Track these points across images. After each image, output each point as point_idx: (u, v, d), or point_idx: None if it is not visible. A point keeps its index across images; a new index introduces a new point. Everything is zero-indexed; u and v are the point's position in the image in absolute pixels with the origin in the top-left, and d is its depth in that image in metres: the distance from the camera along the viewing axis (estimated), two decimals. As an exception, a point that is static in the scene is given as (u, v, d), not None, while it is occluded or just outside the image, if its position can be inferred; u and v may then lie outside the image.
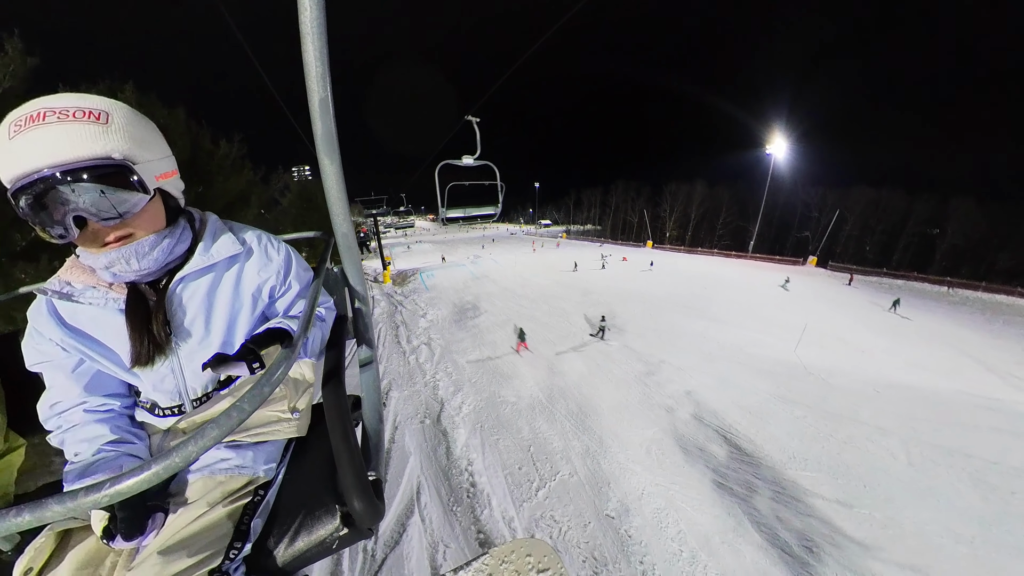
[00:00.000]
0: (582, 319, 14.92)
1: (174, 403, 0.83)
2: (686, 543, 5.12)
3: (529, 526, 5.11)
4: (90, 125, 0.61)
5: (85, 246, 0.68)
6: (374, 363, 1.14)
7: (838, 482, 6.68)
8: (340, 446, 0.80)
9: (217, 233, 0.83)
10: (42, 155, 0.58)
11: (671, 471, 6.50)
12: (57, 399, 0.77)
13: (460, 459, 6.50)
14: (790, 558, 5.14)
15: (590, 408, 8.31)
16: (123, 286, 0.75)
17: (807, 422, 8.28)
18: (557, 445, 6.97)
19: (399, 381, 9.49)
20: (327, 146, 0.75)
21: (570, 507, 5.52)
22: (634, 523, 5.36)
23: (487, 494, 5.69)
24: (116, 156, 0.63)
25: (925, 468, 7.17)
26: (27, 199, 0.60)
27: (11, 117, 0.58)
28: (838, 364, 11.34)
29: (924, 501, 6.42)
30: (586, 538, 5.04)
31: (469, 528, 5.09)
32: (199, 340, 0.81)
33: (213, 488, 0.74)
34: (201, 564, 0.64)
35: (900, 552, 5.32)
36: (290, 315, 0.93)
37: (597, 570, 4.60)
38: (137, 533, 0.65)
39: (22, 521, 0.36)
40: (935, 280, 26.62)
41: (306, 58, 0.63)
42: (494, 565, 0.99)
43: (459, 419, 7.66)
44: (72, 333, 0.74)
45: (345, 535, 0.80)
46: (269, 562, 0.77)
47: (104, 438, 0.74)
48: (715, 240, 45.90)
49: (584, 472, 6.31)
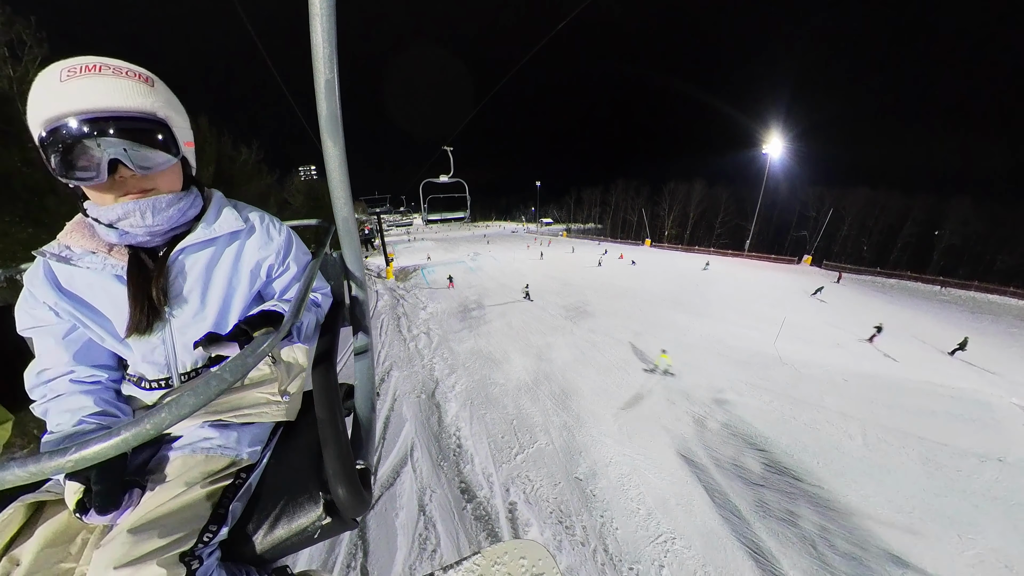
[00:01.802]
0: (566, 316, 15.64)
1: (162, 376, 0.81)
2: (644, 502, 5.83)
3: (505, 482, 5.88)
4: (140, 84, 0.66)
5: (105, 193, 0.69)
6: (370, 351, 1.11)
7: (793, 459, 7.33)
8: (327, 430, 0.78)
9: (221, 208, 0.85)
10: (98, 98, 0.61)
11: (639, 444, 7.21)
12: (45, 366, 0.76)
13: (450, 426, 7.31)
14: (737, 520, 5.83)
15: (572, 390, 9.05)
16: (123, 252, 0.75)
17: (773, 406, 8.93)
18: (538, 420, 7.72)
19: (399, 363, 10.30)
20: (331, 128, 0.75)
21: (543, 470, 6.27)
22: (600, 484, 6.08)
23: (471, 454, 6.48)
24: (159, 114, 0.69)
25: (879, 448, 7.81)
26: (71, 135, 0.61)
27: (61, 64, 0.61)
28: (813, 356, 11.94)
29: (872, 477, 7.07)
30: (555, 495, 5.78)
31: (453, 479, 5.89)
32: (193, 313, 0.81)
33: (193, 467, 0.73)
34: (172, 545, 0.62)
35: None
36: (285, 298, 0.93)
37: (562, 520, 5.34)
38: (112, 508, 0.63)
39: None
40: (928, 280, 26.93)
41: (314, 39, 0.64)
42: (485, 566, 0.95)
43: (451, 395, 8.46)
44: (67, 297, 0.74)
45: (327, 524, 0.77)
46: (246, 548, 0.74)
47: (87, 410, 0.73)
48: (713, 239, 46.31)
49: (560, 442, 7.06)
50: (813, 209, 40.77)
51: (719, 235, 46.60)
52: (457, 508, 5.37)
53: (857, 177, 55.62)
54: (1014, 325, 19.71)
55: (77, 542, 0.66)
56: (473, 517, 5.25)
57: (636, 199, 56.29)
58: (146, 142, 0.67)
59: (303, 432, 0.92)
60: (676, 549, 5.12)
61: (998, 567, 5.28)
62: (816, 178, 47.03)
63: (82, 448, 0.35)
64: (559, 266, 27.51)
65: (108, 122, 0.62)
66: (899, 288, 25.61)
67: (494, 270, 25.47)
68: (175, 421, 0.39)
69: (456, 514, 5.27)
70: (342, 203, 0.89)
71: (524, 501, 5.57)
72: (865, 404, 9.31)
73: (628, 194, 58.81)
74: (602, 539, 5.13)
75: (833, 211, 35.80)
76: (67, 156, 0.63)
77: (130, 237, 0.73)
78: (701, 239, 46.18)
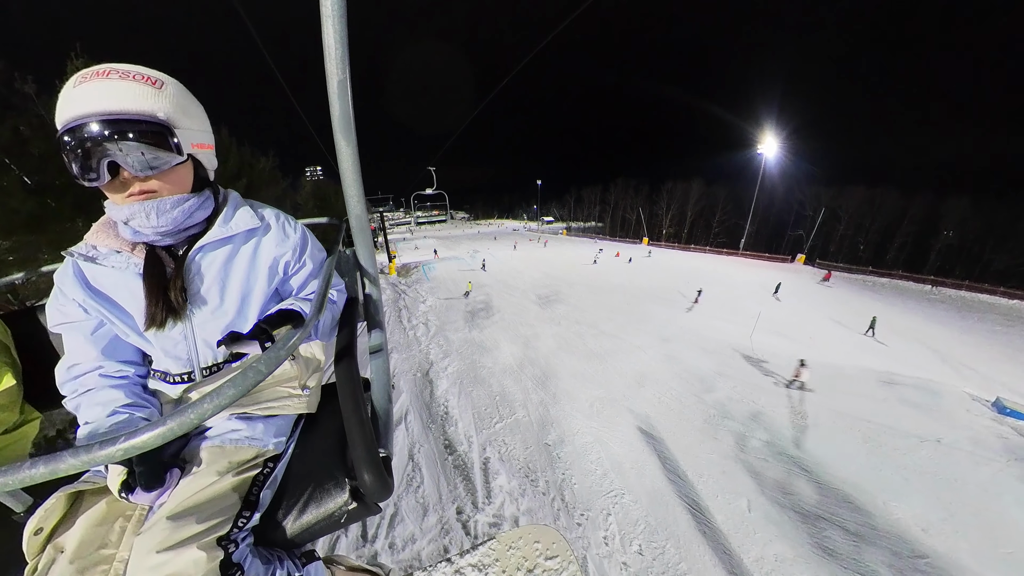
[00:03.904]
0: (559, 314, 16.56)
1: (184, 370, 0.85)
2: (601, 464, 6.78)
3: (484, 443, 6.89)
4: (145, 87, 0.68)
5: (112, 194, 0.72)
6: (384, 346, 1.12)
7: (747, 435, 8.22)
8: (351, 419, 0.81)
9: (237, 207, 0.88)
10: (94, 102, 0.64)
11: (605, 419, 8.16)
12: (75, 361, 0.79)
13: (440, 398, 8.38)
14: (682, 482, 6.74)
15: (551, 373, 10.03)
16: (143, 250, 0.78)
17: (735, 391, 9.80)
18: (519, 397, 8.71)
19: (399, 348, 11.39)
20: (344, 128, 0.76)
21: (518, 436, 7.25)
22: (565, 450, 7.04)
23: (456, 420, 7.53)
24: (160, 116, 0.69)
25: (827, 428, 8.65)
26: (70, 141, 0.65)
27: (82, 72, 0.65)
28: (787, 348, 12.74)
29: (816, 451, 7.93)
30: (525, 456, 6.76)
31: (439, 437, 6.96)
32: (213, 309, 0.83)
33: (223, 457, 0.77)
34: (210, 531, 0.66)
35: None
36: (302, 296, 0.96)
37: (528, 474, 6.31)
38: (157, 485, 0.68)
39: (36, 473, 0.36)
40: (919, 279, 27.33)
41: (326, 40, 0.65)
42: (501, 550, 0.98)
43: (444, 375, 9.51)
44: (94, 295, 0.78)
45: (354, 509, 0.81)
46: (277, 533, 0.79)
47: (118, 402, 0.76)
48: (711, 238, 46.81)
49: (535, 415, 8.03)
50: (810, 208, 41.07)
51: (716, 234, 47.13)
52: (440, 459, 6.39)
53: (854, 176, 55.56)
54: (999, 324, 20.21)
55: (116, 529, 0.70)
56: (452, 466, 6.25)
57: (635, 198, 57.01)
58: (147, 142, 0.68)
59: (325, 423, 0.97)
60: (624, 502, 6.05)
61: (915, 530, 6.11)
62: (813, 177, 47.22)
63: (132, 437, 0.38)
64: (556, 263, 28.41)
65: (106, 124, 0.65)
66: (890, 287, 26.08)
67: (493, 267, 26.44)
68: (217, 411, 0.43)
69: (439, 463, 6.30)
70: (355, 200, 0.89)
71: (497, 458, 6.56)
72: (824, 391, 10.13)
73: (627, 193, 59.51)
74: (560, 491, 6.09)
75: (829, 210, 36.11)
76: (76, 159, 0.66)
77: (142, 236, 0.77)
78: (699, 238, 46.74)
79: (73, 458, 0.36)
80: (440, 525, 5.02)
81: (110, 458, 0.37)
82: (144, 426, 0.38)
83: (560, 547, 1.02)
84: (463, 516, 5.23)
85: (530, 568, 1.05)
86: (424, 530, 4.91)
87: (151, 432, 0.38)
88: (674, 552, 5.29)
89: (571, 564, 1.05)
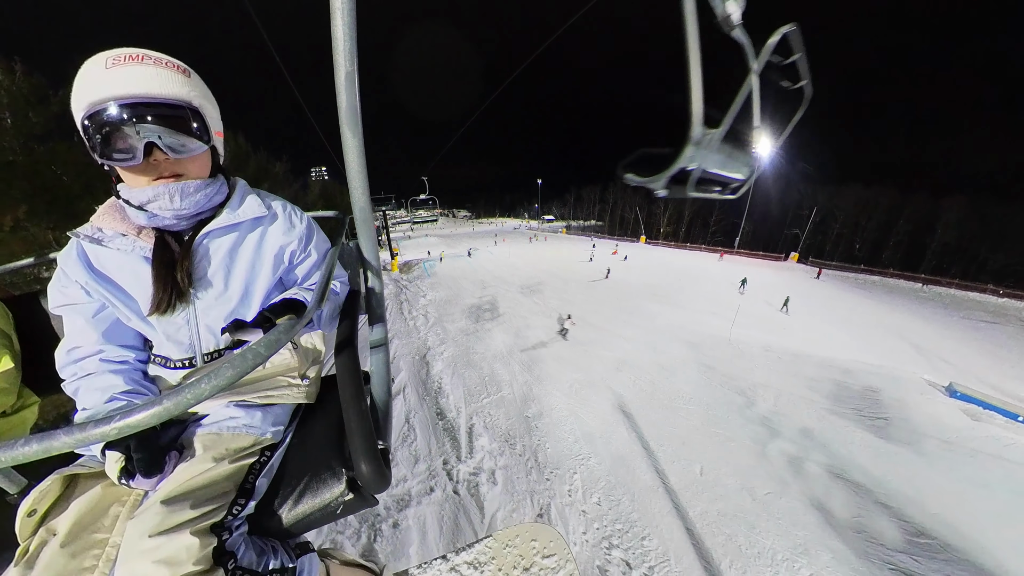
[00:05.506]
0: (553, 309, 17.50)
1: (186, 356, 0.85)
2: (574, 434, 7.74)
3: (471, 413, 7.91)
4: (178, 74, 0.72)
5: (140, 175, 0.74)
6: (385, 344, 1.11)
7: (709, 413, 9.12)
8: (351, 410, 0.80)
9: (246, 195, 0.90)
10: (139, 85, 0.67)
11: (583, 397, 9.12)
12: (76, 344, 0.79)
13: (435, 376, 9.44)
14: (645, 452, 7.67)
15: (538, 358, 11.04)
16: (151, 235, 0.79)
17: (708, 376, 10.69)
18: (506, 378, 9.71)
19: (400, 336, 12.47)
20: (350, 120, 0.76)
21: (502, 409, 8.25)
22: (543, 421, 8.02)
23: (448, 394, 8.57)
24: (194, 103, 0.74)
25: (784, 409, 9.52)
26: (111, 119, 0.66)
27: (107, 53, 0.66)
28: (763, 339, 13.57)
29: (770, 426, 8.83)
30: (507, 425, 7.74)
31: (432, 407, 8.00)
32: (217, 295, 0.84)
33: (220, 444, 0.77)
34: (204, 517, 0.66)
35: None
36: (306, 286, 0.97)
37: (507, 439, 7.29)
38: (156, 471, 0.68)
39: (30, 451, 0.35)
40: (910, 277, 27.83)
41: (335, 32, 0.65)
42: (497, 548, 0.98)
43: (440, 359, 10.54)
44: (97, 277, 0.78)
45: (350, 500, 0.81)
46: (272, 522, 0.78)
47: (117, 388, 0.76)
48: (708, 236, 47.41)
49: (519, 393, 9.03)
50: (806, 207, 41.50)
51: (714, 232, 47.70)
52: (432, 423, 7.42)
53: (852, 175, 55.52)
54: (983, 320, 20.78)
55: (109, 514, 0.69)
56: (442, 429, 7.28)
57: (634, 196, 57.68)
58: (180, 128, 0.72)
59: (324, 414, 0.98)
60: (590, 464, 7.00)
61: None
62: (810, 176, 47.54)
63: (126, 416, 0.37)
64: (554, 261, 29.33)
65: (147, 107, 0.68)
66: (880, 285, 26.62)
67: (492, 265, 27.46)
68: (214, 392, 0.42)
69: (431, 426, 7.33)
70: (360, 193, 0.88)
71: (482, 425, 7.56)
72: (788, 377, 10.99)
73: (626, 192, 60.20)
74: (534, 453, 7.06)
75: (825, 209, 36.54)
76: (107, 138, 0.68)
77: (158, 220, 0.78)
78: (696, 236, 47.36)
79: (67, 436, 0.35)
80: (428, 472, 6.02)
81: (104, 436, 0.36)
82: (140, 404, 0.38)
83: (557, 545, 1.02)
84: (448, 466, 6.23)
85: (527, 566, 1.05)
86: (415, 474, 5.93)
87: (147, 411, 0.37)
88: (628, 504, 6.23)
89: (568, 563, 1.04)
